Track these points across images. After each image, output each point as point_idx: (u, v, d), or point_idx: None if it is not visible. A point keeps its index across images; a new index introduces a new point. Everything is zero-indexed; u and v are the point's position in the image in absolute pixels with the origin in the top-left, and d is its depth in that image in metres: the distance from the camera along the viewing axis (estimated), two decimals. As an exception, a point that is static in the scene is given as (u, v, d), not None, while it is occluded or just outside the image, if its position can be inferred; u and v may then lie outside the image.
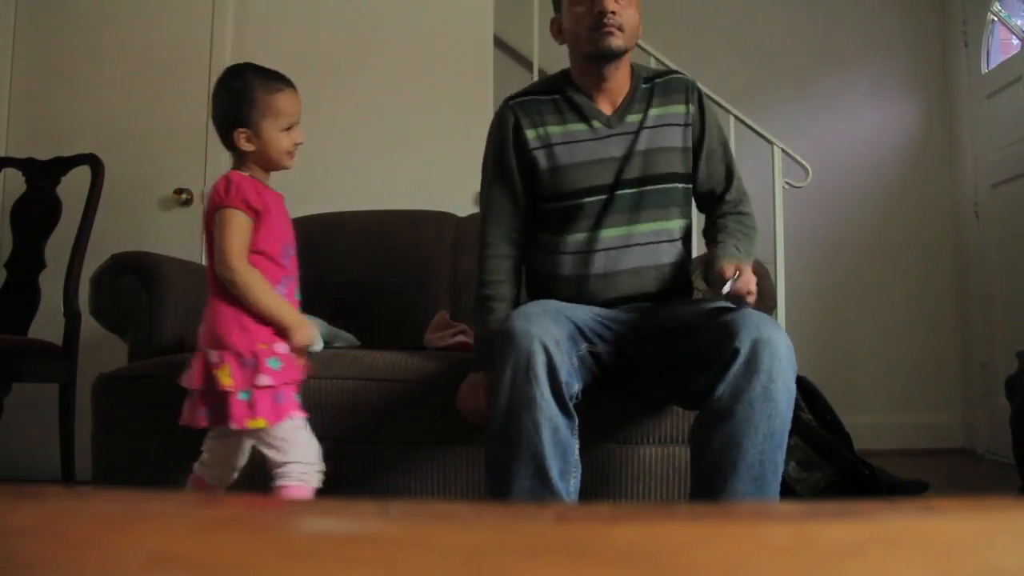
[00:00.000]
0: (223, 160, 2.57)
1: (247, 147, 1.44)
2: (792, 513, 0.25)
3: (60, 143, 2.45)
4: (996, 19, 3.23)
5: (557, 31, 1.57)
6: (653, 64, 2.57)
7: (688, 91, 1.57)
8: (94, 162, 2.34)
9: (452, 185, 2.57)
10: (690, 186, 1.57)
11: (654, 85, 1.56)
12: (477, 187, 2.60)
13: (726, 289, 1.34)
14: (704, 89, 2.57)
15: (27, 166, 2.39)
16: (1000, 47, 3.27)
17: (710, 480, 1.25)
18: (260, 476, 1.65)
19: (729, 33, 3.39)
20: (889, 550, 0.23)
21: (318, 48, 2.62)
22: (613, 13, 1.43)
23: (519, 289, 1.59)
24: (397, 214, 2.34)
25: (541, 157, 1.52)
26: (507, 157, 1.55)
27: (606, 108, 1.54)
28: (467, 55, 2.64)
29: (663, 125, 1.53)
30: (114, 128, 2.56)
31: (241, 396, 1.33)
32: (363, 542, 0.23)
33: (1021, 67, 3.00)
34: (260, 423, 1.33)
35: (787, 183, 2.70)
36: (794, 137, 3.02)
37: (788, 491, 1.34)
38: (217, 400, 1.35)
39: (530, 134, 1.53)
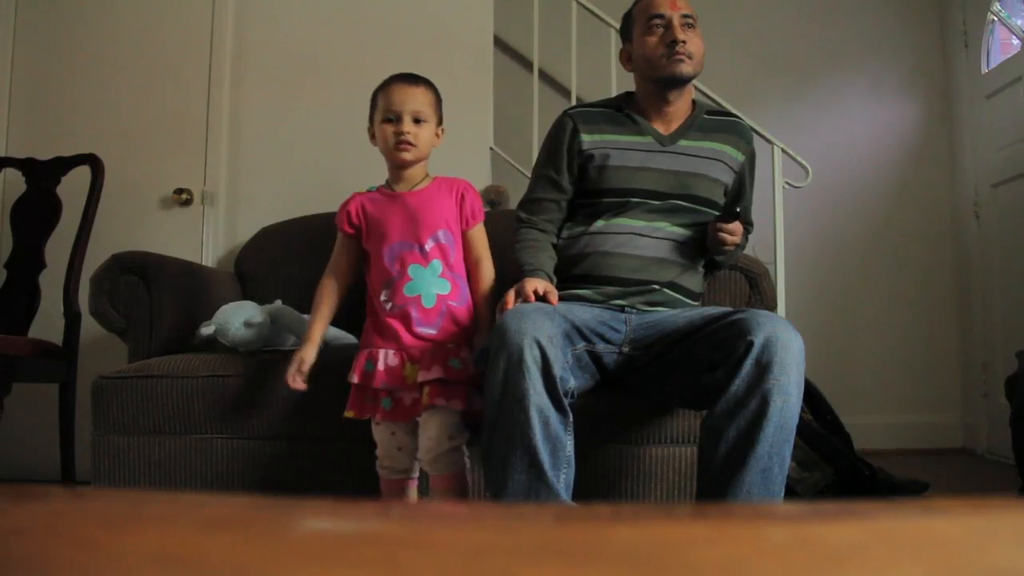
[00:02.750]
0: (223, 160, 2.58)
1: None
2: (792, 513, 0.25)
3: (60, 143, 2.45)
4: (996, 19, 3.23)
5: (626, 59, 1.69)
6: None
7: (747, 141, 1.69)
8: (94, 162, 2.34)
9: (452, 185, 2.57)
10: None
11: (716, 121, 1.67)
12: (477, 187, 2.60)
13: (729, 225, 1.51)
14: (704, 89, 2.60)
15: (27, 166, 2.39)
16: (1000, 47, 3.27)
17: (720, 473, 1.27)
18: (262, 477, 1.66)
19: (729, 33, 3.39)
20: (889, 550, 0.23)
21: (318, 48, 2.62)
22: (684, 42, 1.55)
23: (556, 258, 1.63)
24: (397, 214, 2.34)
25: (595, 155, 1.61)
26: (559, 159, 1.65)
27: (661, 129, 1.64)
28: (467, 55, 2.64)
29: (714, 159, 1.63)
30: (114, 128, 2.56)
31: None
32: (363, 542, 0.23)
33: (1021, 67, 2.99)
34: (348, 413, 1.49)
35: (787, 183, 2.70)
36: (794, 137, 3.02)
37: (788, 491, 1.35)
38: None
39: (586, 137, 1.63)
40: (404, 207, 1.54)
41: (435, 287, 1.50)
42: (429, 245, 1.51)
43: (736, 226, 1.53)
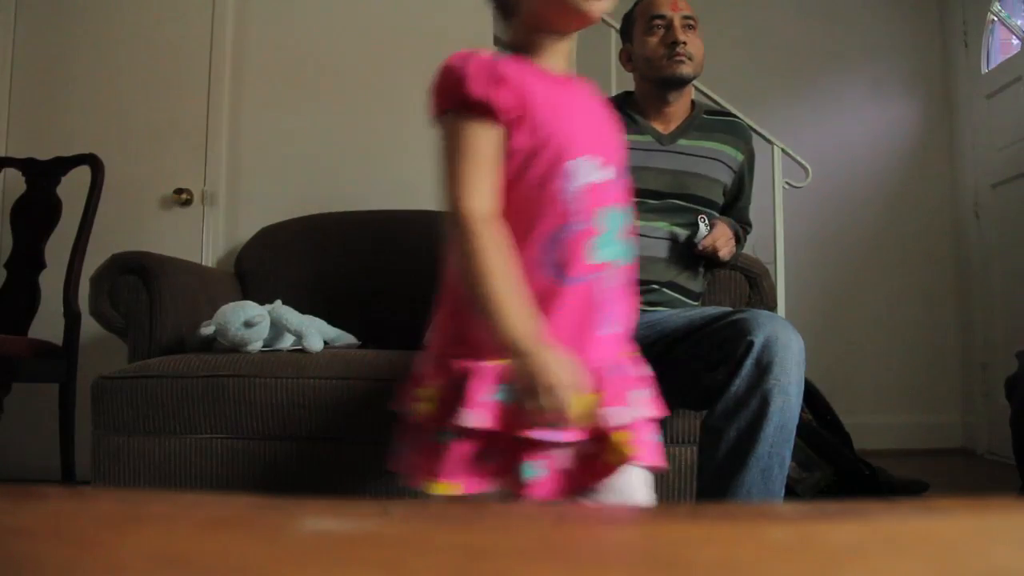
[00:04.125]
0: (223, 160, 2.58)
1: None
2: (792, 513, 0.25)
3: (60, 143, 2.45)
4: (996, 19, 3.23)
5: (626, 59, 1.69)
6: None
7: (746, 141, 1.70)
8: (94, 162, 2.34)
9: (452, 185, 2.57)
10: (716, 215, 1.68)
11: (716, 121, 1.68)
12: (477, 187, 2.61)
13: (700, 235, 1.52)
14: (704, 89, 2.59)
15: (27, 166, 2.39)
16: (1000, 47, 3.27)
17: (721, 473, 1.27)
18: (262, 477, 1.66)
19: (729, 33, 3.39)
20: (889, 550, 0.23)
21: (318, 48, 2.62)
22: (684, 43, 1.55)
23: None
24: (397, 214, 2.34)
25: None
26: None
27: (660, 128, 1.64)
28: (467, 55, 2.63)
29: (713, 159, 1.63)
30: (114, 128, 2.56)
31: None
32: (363, 542, 0.23)
33: (1021, 67, 2.99)
34: (446, 487, 0.82)
35: (787, 183, 2.70)
36: (794, 137, 3.02)
37: (788, 491, 1.35)
38: None
39: None
40: (584, 104, 0.91)
41: (624, 250, 0.90)
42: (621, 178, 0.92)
43: (715, 232, 1.55)
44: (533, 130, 0.82)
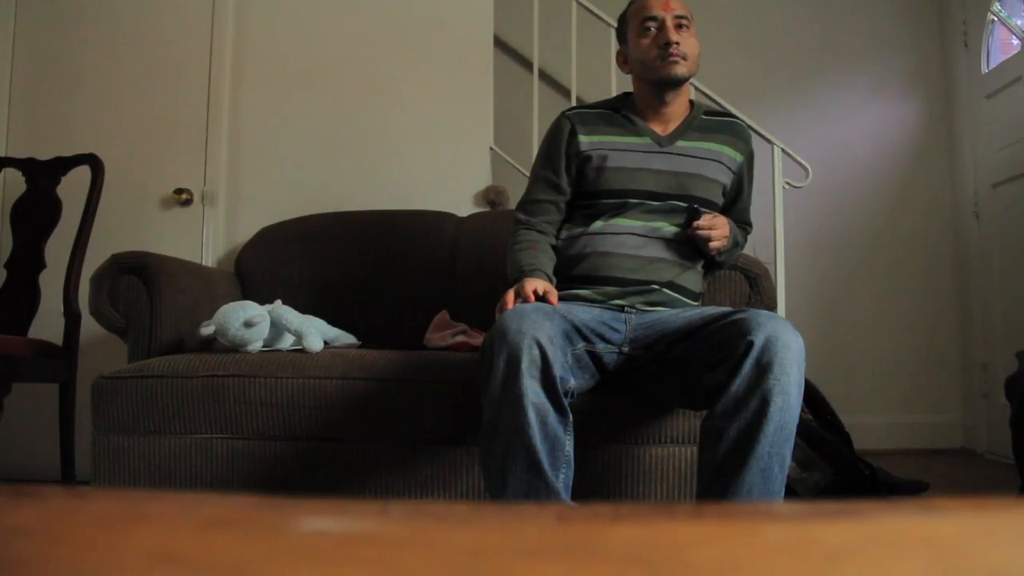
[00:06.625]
0: (223, 160, 2.58)
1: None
2: (792, 513, 0.25)
3: (60, 143, 2.45)
4: (996, 19, 3.23)
5: (623, 61, 1.69)
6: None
7: (745, 142, 1.69)
8: (94, 162, 2.34)
9: (452, 185, 2.57)
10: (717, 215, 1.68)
11: (714, 122, 1.67)
12: (477, 187, 2.61)
13: (700, 221, 1.54)
14: (704, 89, 2.59)
15: (27, 166, 2.39)
16: (1000, 47, 3.27)
17: (720, 473, 1.27)
18: (262, 477, 1.66)
19: (729, 33, 3.39)
20: (889, 550, 0.23)
21: (318, 48, 2.62)
22: (677, 43, 1.55)
23: (556, 259, 1.63)
24: (397, 214, 2.34)
25: (593, 156, 1.61)
26: (557, 160, 1.65)
27: (659, 130, 1.65)
28: (467, 55, 2.64)
29: (711, 160, 1.63)
30: (114, 128, 2.56)
31: None
32: (363, 542, 0.23)
33: (1021, 67, 2.99)
34: None
35: (787, 183, 2.70)
36: (794, 137, 3.02)
37: (788, 491, 1.35)
38: None
39: (584, 138, 1.63)
40: None
41: None
42: None
43: (715, 220, 1.56)
44: None
